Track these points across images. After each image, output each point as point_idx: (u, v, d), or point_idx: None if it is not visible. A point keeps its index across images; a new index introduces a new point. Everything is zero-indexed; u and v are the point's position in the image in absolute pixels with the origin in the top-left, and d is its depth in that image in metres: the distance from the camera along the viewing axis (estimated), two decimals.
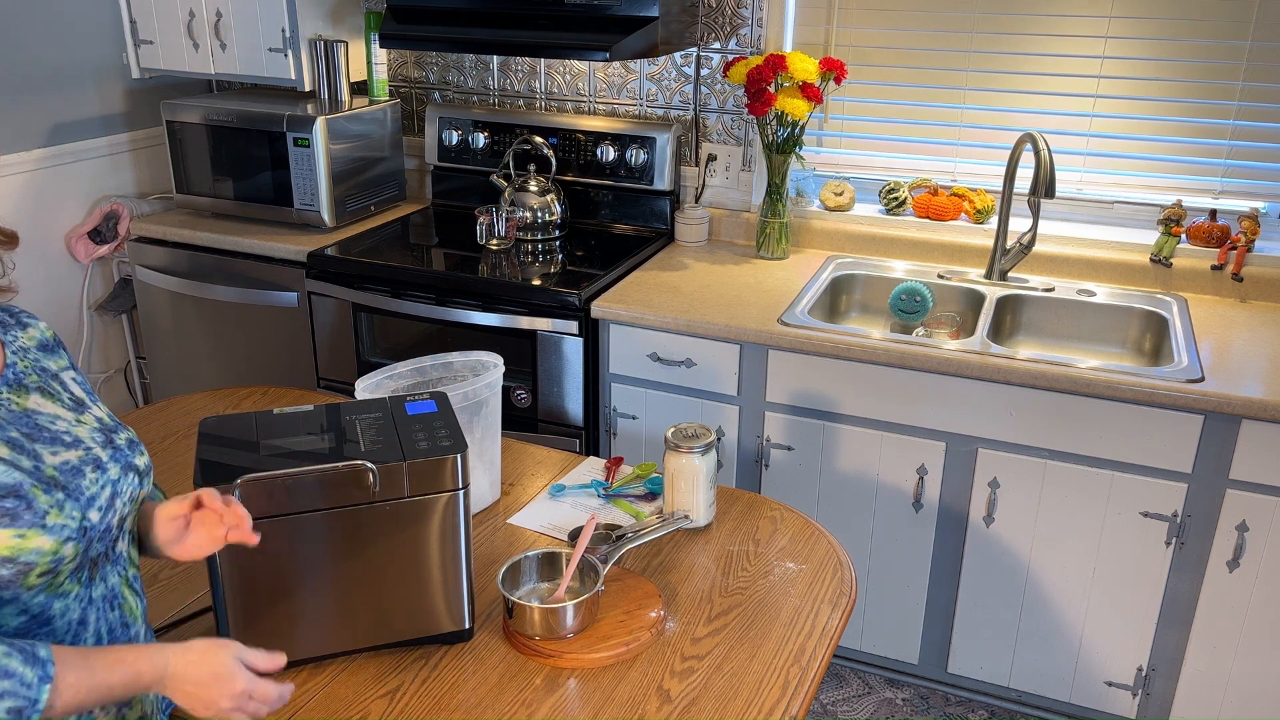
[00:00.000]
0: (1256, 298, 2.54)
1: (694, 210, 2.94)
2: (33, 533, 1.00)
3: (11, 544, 0.98)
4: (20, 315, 1.19)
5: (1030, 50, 2.64)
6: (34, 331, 1.18)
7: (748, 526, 1.70)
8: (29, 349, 1.16)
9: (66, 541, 1.02)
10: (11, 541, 0.98)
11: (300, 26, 2.91)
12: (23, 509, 0.99)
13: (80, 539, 1.04)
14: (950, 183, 2.83)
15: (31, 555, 1.00)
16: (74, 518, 1.04)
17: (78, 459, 1.08)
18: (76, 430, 1.11)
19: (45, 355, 1.17)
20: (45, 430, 1.08)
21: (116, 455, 1.13)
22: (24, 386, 1.11)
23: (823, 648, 1.42)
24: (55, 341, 1.21)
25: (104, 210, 3.12)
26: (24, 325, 1.18)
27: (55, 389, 1.14)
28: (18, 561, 0.99)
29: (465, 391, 1.62)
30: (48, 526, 1.01)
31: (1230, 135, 2.54)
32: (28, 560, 0.99)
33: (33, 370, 1.14)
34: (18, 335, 1.16)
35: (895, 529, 2.43)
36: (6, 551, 0.98)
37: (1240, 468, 2.10)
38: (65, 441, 1.08)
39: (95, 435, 1.13)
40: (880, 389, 2.32)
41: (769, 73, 2.59)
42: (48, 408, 1.11)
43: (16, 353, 1.13)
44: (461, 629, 1.41)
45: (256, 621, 1.31)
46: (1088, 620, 2.33)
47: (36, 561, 1.00)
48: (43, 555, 1.00)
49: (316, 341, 2.85)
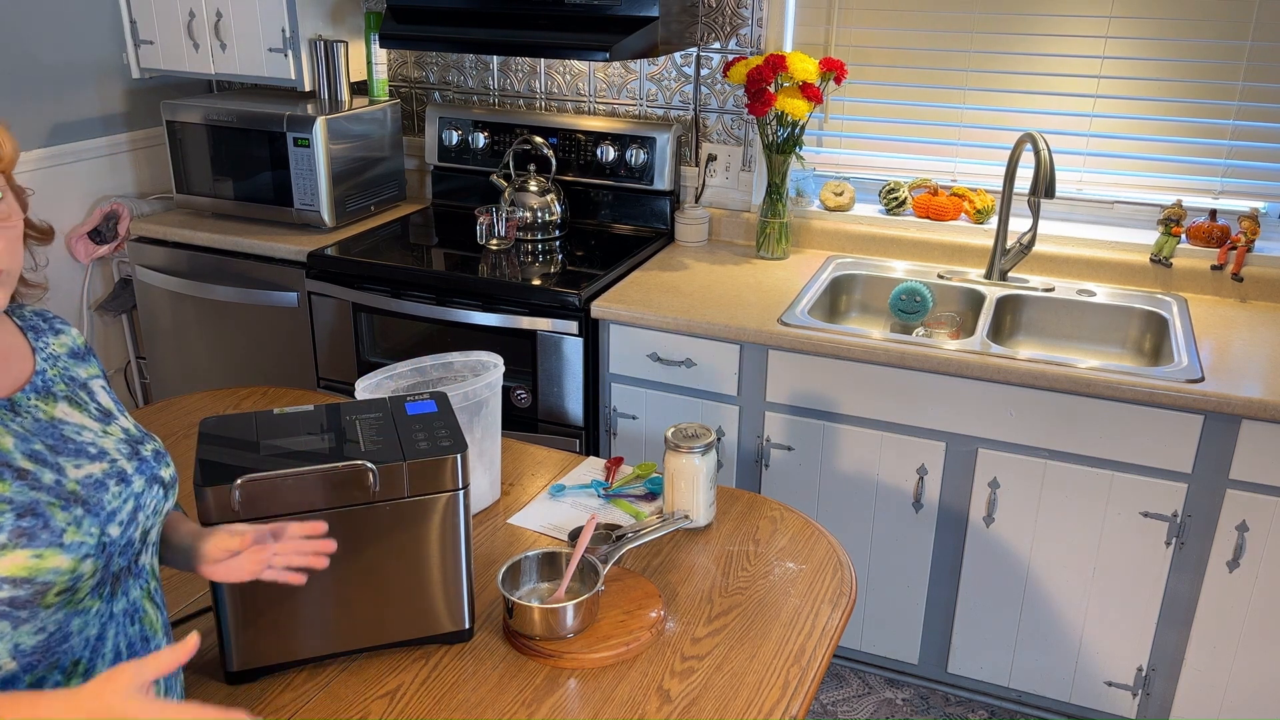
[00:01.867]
0: (1256, 298, 2.54)
1: (694, 210, 2.94)
2: (50, 552, 0.98)
3: (29, 564, 0.97)
4: (54, 321, 1.18)
5: (1030, 50, 2.64)
6: (65, 339, 1.17)
7: (748, 526, 1.70)
8: (59, 356, 1.14)
9: (85, 559, 1.01)
10: (29, 562, 0.97)
11: (300, 26, 2.91)
12: (39, 528, 0.98)
13: (99, 555, 1.03)
14: (950, 183, 2.83)
15: (49, 575, 0.98)
16: (92, 534, 1.02)
17: (101, 472, 1.06)
18: (102, 442, 1.10)
19: (75, 363, 1.16)
20: (70, 441, 1.06)
21: (142, 467, 1.11)
22: (52, 395, 1.09)
23: (823, 648, 1.42)
24: (86, 349, 1.20)
25: (104, 210, 3.12)
26: (56, 331, 1.16)
27: (83, 399, 1.13)
28: (35, 582, 0.97)
29: (465, 391, 1.62)
30: (65, 545, 0.99)
31: (1230, 135, 2.54)
32: (45, 580, 0.98)
33: (61, 379, 1.12)
34: (49, 341, 1.14)
35: (895, 529, 2.43)
36: (24, 572, 0.96)
37: (1240, 468, 2.10)
38: (90, 454, 1.07)
39: (121, 447, 1.11)
40: (880, 389, 2.32)
41: (769, 73, 2.59)
42: (74, 417, 1.10)
43: (47, 360, 1.12)
44: (461, 629, 1.41)
45: (256, 621, 1.31)
46: (1088, 620, 2.33)
47: (54, 581, 0.99)
48: (60, 574, 0.99)
49: (316, 341, 2.85)
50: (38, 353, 1.12)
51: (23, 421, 1.04)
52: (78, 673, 1.04)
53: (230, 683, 1.33)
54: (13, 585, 0.96)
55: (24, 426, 1.04)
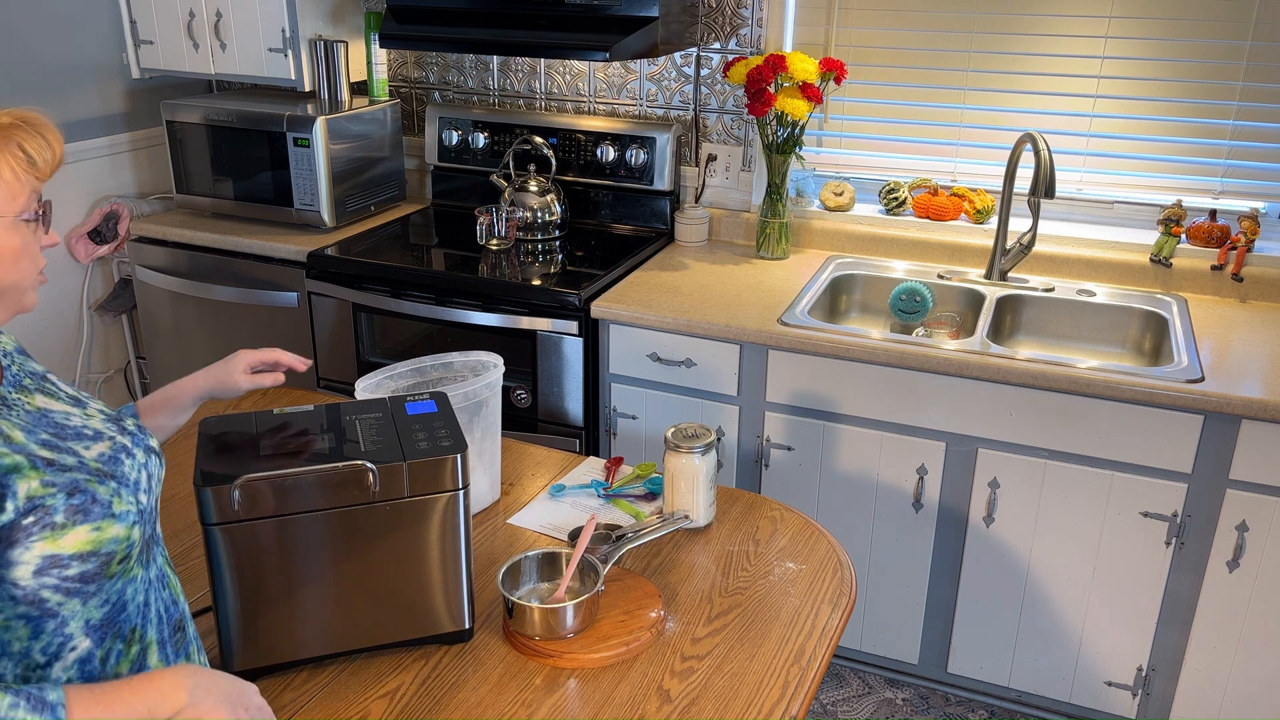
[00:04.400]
0: (1256, 298, 2.54)
1: (694, 210, 2.94)
2: (106, 523, 1.02)
3: (91, 538, 1.00)
4: None
5: (1030, 50, 2.64)
6: (5, 339, 1.16)
7: (748, 526, 1.70)
8: (12, 353, 1.14)
9: (134, 525, 1.05)
10: (90, 535, 1.00)
11: (300, 27, 2.91)
12: (89, 503, 1.01)
13: (141, 522, 1.07)
14: (950, 183, 2.83)
15: (110, 545, 1.02)
16: (132, 503, 1.06)
17: (109, 449, 1.09)
18: (91, 423, 1.11)
19: (26, 359, 1.16)
20: (67, 428, 1.08)
21: (136, 440, 1.13)
22: (25, 388, 1.10)
23: (823, 648, 1.42)
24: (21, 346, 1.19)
25: (104, 210, 3.12)
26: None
27: (51, 389, 1.13)
28: (100, 554, 1.01)
29: (465, 391, 1.62)
30: (117, 515, 1.03)
31: (1230, 135, 2.54)
32: (109, 550, 1.02)
33: (24, 373, 1.12)
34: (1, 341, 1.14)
35: (895, 529, 2.43)
36: (89, 546, 1.00)
37: (1240, 468, 2.10)
38: (88, 435, 1.08)
39: (109, 425, 1.13)
40: (880, 389, 2.32)
41: (769, 73, 2.59)
42: (56, 406, 1.10)
43: (5, 356, 1.12)
44: (461, 629, 1.41)
45: (257, 621, 1.31)
46: (1088, 620, 2.33)
47: (115, 550, 1.03)
48: (120, 543, 1.03)
49: (316, 341, 2.85)
50: None
51: (18, 414, 1.04)
52: (135, 639, 1.08)
53: None
54: (81, 561, 1.00)
55: (22, 419, 1.04)
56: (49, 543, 0.98)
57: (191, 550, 1.62)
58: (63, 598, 1.00)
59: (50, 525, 0.98)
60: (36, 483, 0.98)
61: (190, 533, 1.66)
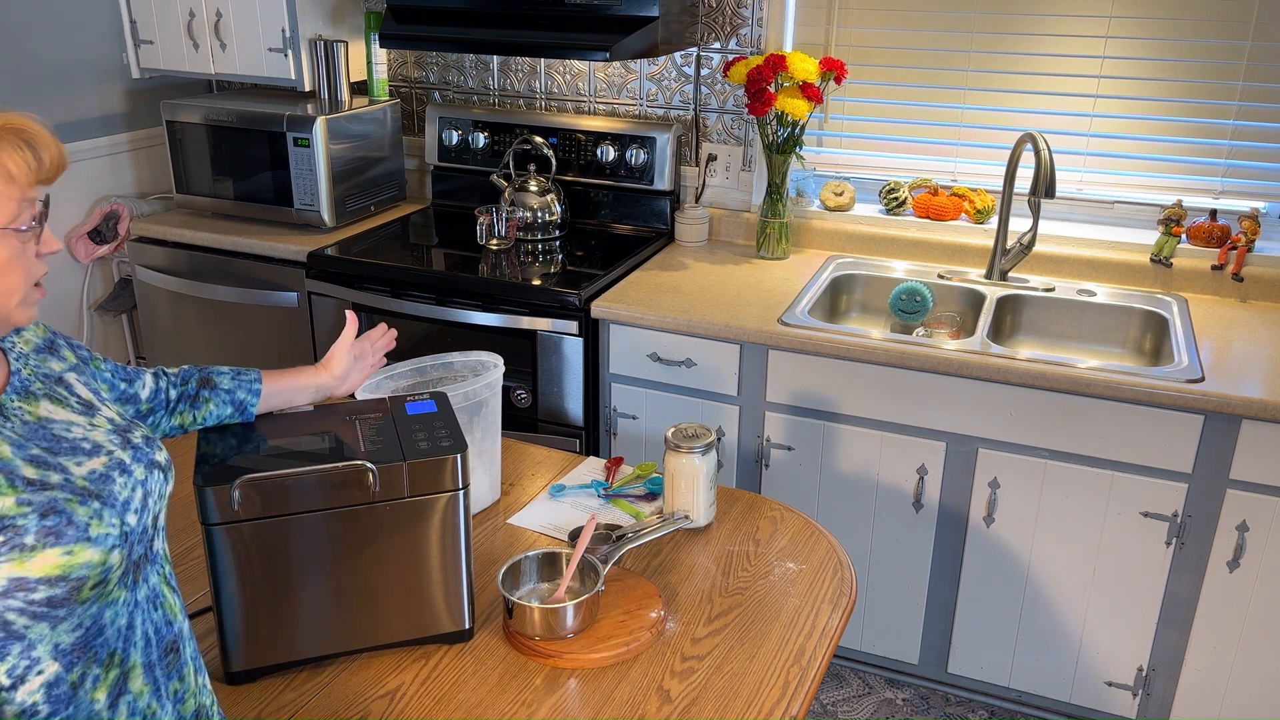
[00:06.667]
0: (1256, 298, 2.54)
1: (694, 210, 2.94)
2: (79, 547, 0.97)
3: (60, 562, 0.96)
4: None
5: (1030, 50, 2.64)
6: (28, 334, 1.14)
7: (748, 526, 1.70)
8: (28, 354, 1.12)
9: (112, 550, 1.01)
10: (60, 560, 0.96)
11: (300, 26, 2.91)
12: (64, 525, 0.97)
13: (123, 545, 1.03)
14: (950, 183, 2.83)
15: (82, 570, 0.98)
16: (114, 525, 1.02)
17: (103, 466, 1.05)
18: (93, 435, 1.08)
19: (45, 358, 1.14)
20: (64, 440, 1.05)
21: (138, 455, 1.10)
22: (32, 395, 1.08)
23: (823, 648, 1.42)
24: (53, 340, 1.17)
25: (104, 210, 3.12)
26: (19, 330, 1.13)
27: (62, 394, 1.11)
28: (69, 579, 0.97)
29: (465, 391, 1.62)
30: (92, 538, 0.99)
31: (1230, 135, 2.54)
32: (79, 576, 0.98)
33: (36, 377, 1.10)
34: (15, 342, 1.12)
35: (895, 529, 2.43)
36: (58, 571, 0.96)
37: (1240, 468, 2.10)
38: (85, 449, 1.06)
39: (112, 437, 1.10)
40: (880, 389, 2.32)
41: (769, 73, 2.59)
42: (60, 415, 1.08)
43: (19, 359, 1.10)
44: (461, 629, 1.41)
45: (257, 621, 1.31)
46: (1088, 620, 2.33)
47: (88, 575, 0.98)
48: (92, 568, 0.99)
49: (316, 341, 2.85)
50: (8, 354, 1.09)
51: (13, 426, 1.02)
52: (114, 664, 1.04)
53: (231, 683, 1.33)
54: (49, 585, 0.96)
55: (16, 431, 1.02)
56: (16, 565, 0.94)
57: (191, 550, 1.62)
58: (29, 621, 0.96)
59: (19, 546, 0.94)
60: (11, 500, 0.95)
61: (190, 533, 1.66)
